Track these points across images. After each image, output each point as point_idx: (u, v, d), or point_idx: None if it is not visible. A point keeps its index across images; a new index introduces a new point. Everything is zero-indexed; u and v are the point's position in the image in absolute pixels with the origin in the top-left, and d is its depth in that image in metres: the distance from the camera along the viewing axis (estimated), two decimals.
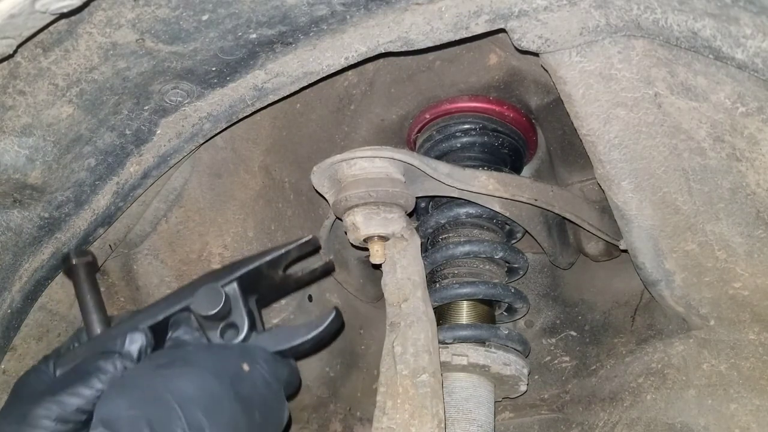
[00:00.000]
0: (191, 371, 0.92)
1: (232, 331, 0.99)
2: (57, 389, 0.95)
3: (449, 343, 1.27)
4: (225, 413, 0.90)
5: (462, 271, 1.35)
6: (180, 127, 1.11)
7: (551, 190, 1.29)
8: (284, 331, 0.99)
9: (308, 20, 0.95)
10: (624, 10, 0.89)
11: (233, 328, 0.99)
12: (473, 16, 0.95)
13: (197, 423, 0.86)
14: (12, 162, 0.99)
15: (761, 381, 1.12)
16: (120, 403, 0.88)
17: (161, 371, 0.92)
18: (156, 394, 0.88)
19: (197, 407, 0.87)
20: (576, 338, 1.49)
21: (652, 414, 1.20)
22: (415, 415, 1.02)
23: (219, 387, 0.91)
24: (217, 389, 0.91)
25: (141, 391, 0.89)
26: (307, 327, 0.99)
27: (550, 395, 1.45)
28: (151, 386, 0.90)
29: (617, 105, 0.99)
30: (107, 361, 0.97)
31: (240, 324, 0.98)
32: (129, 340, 1.00)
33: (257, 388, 0.95)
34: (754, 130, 0.93)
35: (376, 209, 1.15)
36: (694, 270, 1.13)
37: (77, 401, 0.94)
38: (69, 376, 0.98)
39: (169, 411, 0.86)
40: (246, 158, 1.33)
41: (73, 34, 0.89)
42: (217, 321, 0.99)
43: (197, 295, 0.98)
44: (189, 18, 0.89)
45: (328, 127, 1.41)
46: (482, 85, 1.37)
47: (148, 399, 0.88)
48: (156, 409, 0.86)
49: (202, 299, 0.98)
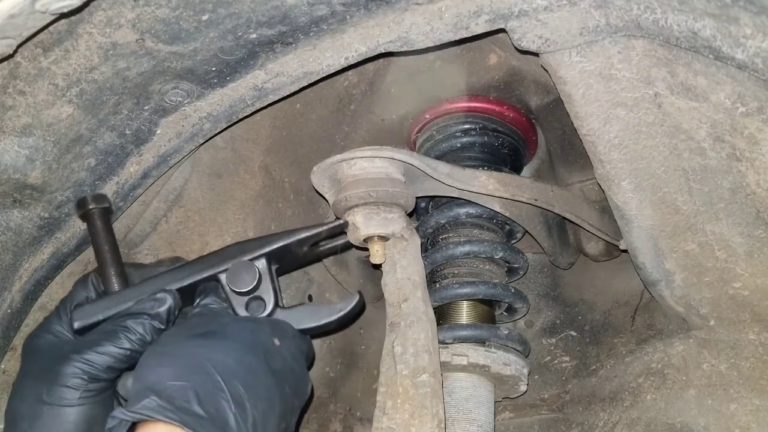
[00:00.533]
0: (229, 344, 0.93)
1: (258, 304, 1.02)
2: (84, 348, 0.96)
3: (449, 343, 1.27)
4: (261, 386, 0.92)
5: (462, 271, 1.35)
6: (180, 127, 1.11)
7: (551, 190, 1.29)
8: (308, 310, 1.03)
9: (308, 20, 0.95)
10: (624, 10, 0.89)
11: (259, 301, 1.02)
12: (473, 16, 0.95)
13: (238, 395, 0.88)
14: (12, 162, 0.99)
15: (761, 381, 1.12)
16: (166, 372, 0.88)
17: (201, 342, 0.93)
18: (199, 365, 0.89)
19: (237, 380, 0.89)
20: (576, 338, 1.49)
21: (652, 414, 1.20)
22: (415, 415, 1.02)
23: (255, 360, 0.93)
24: (253, 363, 0.92)
25: (184, 361, 0.90)
26: (329, 309, 1.03)
27: (550, 395, 1.45)
28: (194, 356, 0.91)
29: (617, 105, 0.99)
30: (136, 321, 0.98)
31: (267, 299, 1.02)
32: (158, 301, 1.00)
33: (287, 362, 0.97)
34: (754, 130, 0.93)
35: (376, 209, 1.15)
36: (694, 270, 1.13)
37: (106, 360, 0.95)
38: (96, 335, 0.98)
39: (213, 382, 0.87)
40: (246, 158, 1.33)
41: (73, 34, 0.89)
42: (245, 295, 1.01)
43: (231, 269, 1.01)
44: (189, 18, 0.89)
45: (328, 127, 1.41)
46: (482, 85, 1.37)
47: (192, 369, 0.89)
48: (201, 380, 0.87)
49: (236, 274, 1.01)
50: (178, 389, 0.85)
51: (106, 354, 0.95)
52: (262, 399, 0.90)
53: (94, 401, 0.95)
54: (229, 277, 1.01)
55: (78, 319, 1.01)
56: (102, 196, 1.08)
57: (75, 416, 0.94)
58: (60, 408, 0.93)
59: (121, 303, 1.01)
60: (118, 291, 1.04)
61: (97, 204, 1.07)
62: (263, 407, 0.90)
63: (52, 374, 0.94)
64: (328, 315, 1.03)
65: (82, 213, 1.08)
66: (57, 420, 0.93)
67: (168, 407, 0.83)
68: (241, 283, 1.00)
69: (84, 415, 0.94)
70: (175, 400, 0.84)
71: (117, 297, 1.03)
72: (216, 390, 0.87)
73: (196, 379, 0.87)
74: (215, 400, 0.86)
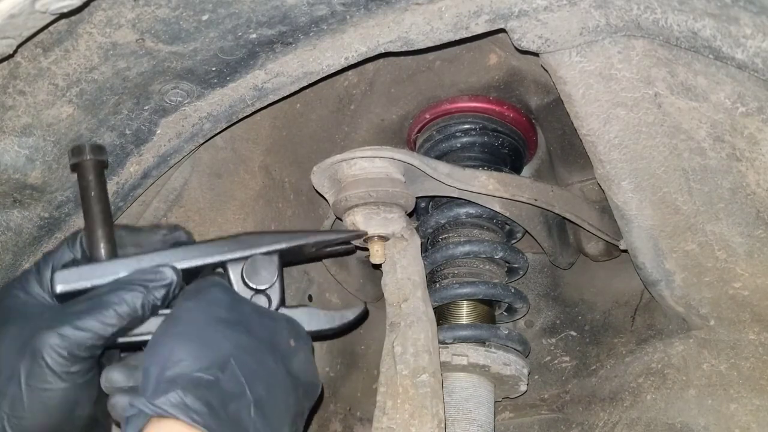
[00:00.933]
0: (253, 343, 0.86)
1: (262, 300, 0.96)
2: (65, 321, 0.84)
3: (449, 343, 1.27)
4: (279, 391, 0.85)
5: (462, 271, 1.35)
6: (180, 127, 1.11)
7: (551, 190, 1.29)
8: (310, 314, 0.98)
9: (308, 20, 0.95)
10: (624, 10, 0.89)
11: (264, 297, 0.96)
12: (473, 16, 0.95)
13: (260, 398, 0.82)
14: (12, 162, 0.99)
15: (761, 381, 1.12)
16: (191, 361, 0.80)
17: (225, 331, 0.85)
18: (225, 360, 0.81)
19: (260, 382, 0.83)
20: (576, 338, 1.49)
21: (652, 414, 1.20)
22: (415, 415, 1.02)
23: (273, 363, 0.86)
24: (272, 365, 0.86)
25: (210, 352, 0.81)
26: (331, 316, 0.99)
27: (550, 395, 1.45)
28: (219, 348, 0.82)
29: (617, 105, 0.99)
30: (131, 294, 0.87)
31: (273, 296, 0.96)
32: (160, 275, 0.90)
33: (301, 364, 0.91)
34: (754, 130, 0.93)
35: (376, 209, 1.15)
36: (694, 270, 1.13)
37: (89, 337, 0.84)
38: (80, 305, 0.86)
39: (238, 384, 0.81)
40: (246, 158, 1.33)
41: (73, 34, 0.89)
42: (255, 290, 0.96)
43: (251, 262, 0.95)
44: (189, 18, 0.89)
45: (328, 127, 1.41)
46: (482, 85, 1.37)
47: (219, 364, 0.81)
48: (227, 379, 0.80)
49: (255, 269, 0.95)
50: (206, 385, 0.78)
51: (89, 330, 0.83)
52: (279, 404, 0.85)
53: (77, 383, 0.85)
54: (247, 270, 0.95)
55: (61, 282, 0.89)
56: (100, 147, 0.97)
57: (58, 399, 0.84)
58: (41, 391, 0.83)
59: (113, 272, 0.90)
60: (111, 259, 0.92)
61: (95, 155, 0.95)
62: (280, 412, 0.85)
63: (30, 349, 0.83)
64: (330, 321, 0.99)
65: (75, 162, 0.95)
66: (39, 404, 0.83)
67: (194, 407, 0.76)
68: (259, 279, 0.95)
69: (67, 398, 0.85)
70: (201, 399, 0.77)
71: (109, 265, 0.91)
72: (242, 394, 0.80)
73: (224, 378, 0.80)
74: (238, 405, 0.80)
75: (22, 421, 0.84)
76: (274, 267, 0.96)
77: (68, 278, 0.89)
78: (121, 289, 0.87)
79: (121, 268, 0.90)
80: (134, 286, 0.87)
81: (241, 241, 0.97)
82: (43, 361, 0.82)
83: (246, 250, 0.96)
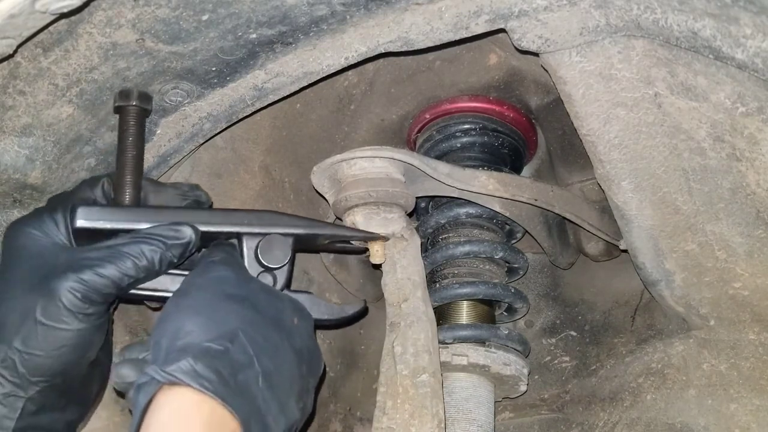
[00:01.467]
0: (260, 319, 0.88)
1: (268, 279, 0.98)
2: (83, 266, 0.86)
3: (449, 343, 1.27)
4: (285, 363, 0.88)
5: (462, 271, 1.35)
6: (180, 127, 1.11)
7: (551, 190, 1.29)
8: (312, 301, 1.00)
9: (308, 20, 0.95)
10: (624, 10, 0.89)
11: (270, 276, 0.98)
12: (473, 16, 0.95)
13: (268, 370, 0.84)
14: (12, 162, 0.99)
15: (761, 381, 1.12)
16: (200, 331, 0.82)
17: (234, 306, 0.87)
18: (234, 332, 0.83)
19: (267, 356, 0.85)
20: (576, 338, 1.49)
21: (652, 414, 1.20)
22: (415, 415, 1.02)
23: (278, 339, 0.88)
24: (278, 341, 0.88)
25: (220, 325, 0.83)
26: (332, 308, 1.02)
27: (550, 395, 1.45)
28: (228, 321, 0.84)
29: (617, 105, 0.99)
30: (150, 247, 0.90)
31: (279, 277, 0.99)
32: (179, 233, 0.92)
33: (305, 342, 0.93)
34: (754, 130, 0.93)
35: (376, 209, 1.15)
36: (694, 270, 1.13)
37: (106, 284, 0.87)
38: (97, 252, 0.89)
39: (247, 356, 0.83)
40: (246, 158, 1.33)
41: (73, 34, 0.89)
42: (264, 267, 0.98)
43: (267, 240, 0.97)
44: (189, 18, 0.89)
45: (328, 127, 1.41)
46: (482, 85, 1.37)
47: (228, 336, 0.82)
48: (237, 350, 0.82)
49: (270, 247, 0.97)
50: (215, 354, 0.79)
51: (107, 278, 0.86)
52: (285, 377, 0.87)
53: (91, 325, 0.88)
54: (263, 247, 0.97)
55: (82, 218, 0.90)
56: (148, 96, 0.98)
57: (72, 339, 0.87)
58: (56, 330, 0.85)
59: (134, 220, 0.92)
60: (134, 207, 0.95)
61: (140, 102, 0.97)
62: (286, 385, 0.86)
63: (46, 289, 0.85)
64: (330, 312, 1.01)
65: (119, 105, 0.97)
66: (52, 342, 0.86)
67: (204, 374, 0.77)
68: (272, 258, 0.97)
69: (81, 338, 0.88)
70: (211, 367, 0.78)
71: (131, 212, 0.94)
72: (250, 364, 0.82)
73: (233, 349, 0.81)
74: (247, 375, 0.81)
75: (34, 359, 0.86)
76: (289, 249, 0.98)
77: (90, 215, 0.91)
78: (141, 242, 0.89)
79: (142, 217, 0.93)
80: (154, 241, 0.90)
81: (262, 216, 0.99)
82: (60, 302, 0.85)
83: (265, 227, 0.98)
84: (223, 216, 0.99)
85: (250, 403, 0.80)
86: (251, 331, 0.85)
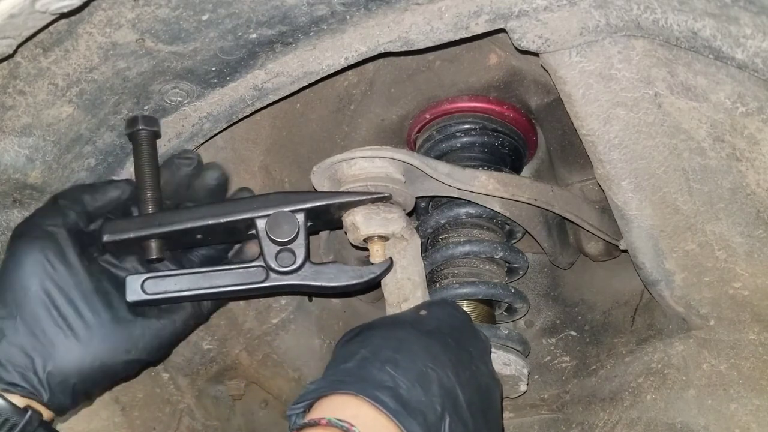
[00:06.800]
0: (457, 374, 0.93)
1: (288, 256, 1.03)
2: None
3: None
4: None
5: (462, 271, 1.35)
6: (180, 127, 1.11)
7: (551, 190, 1.29)
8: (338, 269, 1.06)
9: (308, 20, 0.95)
10: (624, 10, 0.89)
11: (290, 253, 1.03)
12: (473, 16, 0.95)
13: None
14: (12, 162, 0.99)
15: (761, 381, 1.12)
16: (400, 376, 0.86)
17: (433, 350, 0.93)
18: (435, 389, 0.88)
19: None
20: (576, 338, 1.49)
21: (652, 414, 1.20)
22: None
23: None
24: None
25: (418, 373, 0.88)
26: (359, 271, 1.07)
27: (550, 395, 1.45)
28: (425, 374, 0.88)
29: (617, 105, 0.99)
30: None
31: (298, 253, 1.03)
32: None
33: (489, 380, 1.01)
34: (754, 130, 0.93)
35: (376, 209, 1.15)
36: (694, 270, 1.13)
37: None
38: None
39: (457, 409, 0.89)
40: (246, 158, 1.33)
41: (73, 34, 0.89)
42: (279, 245, 1.03)
43: (273, 217, 1.02)
44: (189, 18, 0.89)
45: (328, 127, 1.41)
46: (482, 85, 1.37)
47: (432, 393, 0.87)
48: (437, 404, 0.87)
49: (276, 223, 1.02)
50: (423, 406, 0.83)
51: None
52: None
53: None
54: (270, 224, 1.02)
55: (108, 232, 1.01)
56: (153, 120, 1.07)
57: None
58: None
59: (155, 225, 1.03)
60: (153, 213, 1.04)
61: (147, 126, 1.06)
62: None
63: None
64: (357, 276, 1.05)
65: (129, 132, 1.07)
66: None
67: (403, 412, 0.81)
68: (280, 233, 1.02)
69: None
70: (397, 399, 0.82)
71: (152, 218, 1.04)
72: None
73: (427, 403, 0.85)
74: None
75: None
76: (296, 222, 1.02)
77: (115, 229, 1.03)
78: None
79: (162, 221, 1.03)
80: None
81: (269, 199, 1.05)
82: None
83: (273, 207, 1.04)
84: (233, 205, 1.05)
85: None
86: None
